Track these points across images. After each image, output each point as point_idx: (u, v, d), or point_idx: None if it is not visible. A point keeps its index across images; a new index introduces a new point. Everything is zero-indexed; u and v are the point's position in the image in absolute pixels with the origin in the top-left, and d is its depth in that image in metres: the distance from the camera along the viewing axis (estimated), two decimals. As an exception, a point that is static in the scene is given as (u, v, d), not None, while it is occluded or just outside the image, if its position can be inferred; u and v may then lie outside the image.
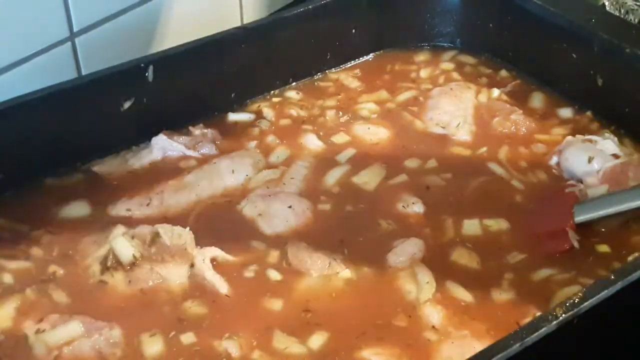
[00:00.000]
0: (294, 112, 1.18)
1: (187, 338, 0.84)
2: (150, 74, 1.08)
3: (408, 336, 0.85)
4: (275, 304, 0.88)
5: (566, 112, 1.19)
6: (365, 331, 0.85)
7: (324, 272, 0.92)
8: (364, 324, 0.86)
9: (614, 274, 0.79)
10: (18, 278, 0.91)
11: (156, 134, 1.09)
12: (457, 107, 1.18)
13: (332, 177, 1.06)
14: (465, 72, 1.28)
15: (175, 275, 0.90)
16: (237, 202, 1.02)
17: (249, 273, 0.92)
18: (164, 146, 1.09)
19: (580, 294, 0.76)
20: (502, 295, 0.90)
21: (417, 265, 0.92)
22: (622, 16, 1.31)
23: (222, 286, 0.90)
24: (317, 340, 0.84)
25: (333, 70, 1.27)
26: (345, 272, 0.92)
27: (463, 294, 0.89)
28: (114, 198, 1.02)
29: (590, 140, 1.06)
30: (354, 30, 1.27)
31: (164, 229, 0.92)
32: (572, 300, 0.75)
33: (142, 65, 1.07)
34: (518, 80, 1.25)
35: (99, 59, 1.14)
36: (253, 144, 1.12)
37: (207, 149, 1.10)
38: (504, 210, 1.01)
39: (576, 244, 0.94)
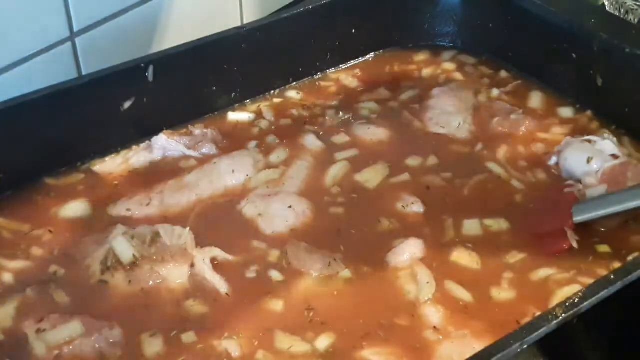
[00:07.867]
0: (294, 112, 1.18)
1: (188, 337, 0.84)
2: (150, 74, 1.08)
3: (410, 336, 0.85)
4: (276, 304, 0.88)
5: (566, 112, 1.19)
6: (370, 331, 0.85)
7: (324, 272, 0.92)
8: (368, 324, 0.86)
9: (614, 273, 0.80)
10: (18, 278, 0.91)
11: (156, 134, 1.09)
12: (457, 107, 1.18)
13: (332, 177, 1.06)
14: (465, 72, 1.28)
15: (175, 275, 0.90)
16: (237, 202, 1.02)
17: (250, 273, 0.92)
18: (164, 146, 1.09)
19: (580, 293, 0.76)
20: (501, 295, 0.90)
21: (417, 265, 0.92)
22: (621, 16, 1.31)
23: (222, 286, 0.90)
24: (323, 339, 0.84)
25: (333, 70, 1.27)
26: (345, 272, 0.92)
27: (463, 294, 0.89)
28: (114, 198, 1.02)
29: (589, 141, 1.06)
30: (354, 30, 1.26)
31: (164, 229, 0.92)
32: (572, 300, 0.75)
33: (142, 65, 1.07)
34: (518, 81, 1.25)
35: (99, 59, 1.14)
36: (253, 144, 1.12)
37: (207, 149, 1.10)
38: (504, 210, 1.01)
39: (575, 244, 0.94)
